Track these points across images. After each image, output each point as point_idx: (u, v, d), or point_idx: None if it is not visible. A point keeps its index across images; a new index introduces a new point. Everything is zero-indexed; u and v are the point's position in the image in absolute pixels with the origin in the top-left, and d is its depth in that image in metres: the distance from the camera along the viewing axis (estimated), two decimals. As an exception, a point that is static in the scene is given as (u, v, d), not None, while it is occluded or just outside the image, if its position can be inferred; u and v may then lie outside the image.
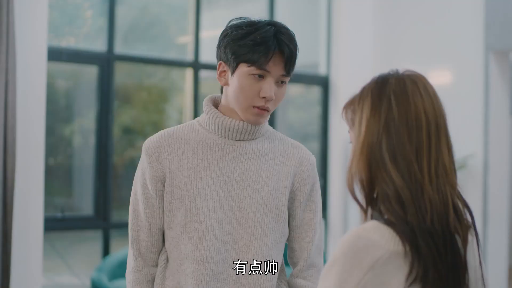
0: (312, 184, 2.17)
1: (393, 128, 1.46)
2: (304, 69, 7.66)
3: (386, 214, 1.44)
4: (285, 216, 2.13)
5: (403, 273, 1.39)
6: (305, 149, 2.20)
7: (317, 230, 2.16)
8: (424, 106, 1.49)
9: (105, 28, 5.87)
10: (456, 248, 1.45)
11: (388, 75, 1.54)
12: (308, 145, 8.04)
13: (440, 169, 1.47)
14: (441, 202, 1.44)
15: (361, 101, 1.53)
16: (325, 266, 1.43)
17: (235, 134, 2.12)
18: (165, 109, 7.66)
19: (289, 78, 2.15)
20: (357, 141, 1.50)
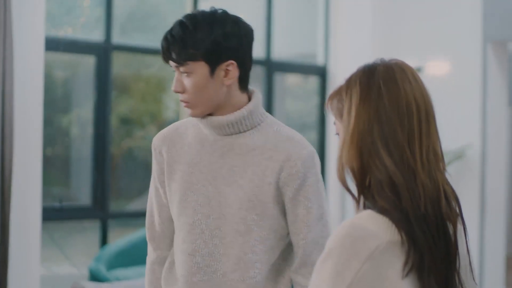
0: (303, 180, 2.05)
1: (384, 115, 1.46)
2: (301, 59, 7.66)
3: (380, 202, 1.43)
4: (273, 212, 2.07)
5: (400, 262, 1.39)
6: (300, 142, 2.08)
7: (314, 227, 2.07)
8: (414, 93, 1.48)
9: (102, 18, 5.86)
10: (448, 234, 1.45)
11: (375, 64, 1.53)
12: (306, 135, 8.03)
13: (431, 155, 1.47)
14: (433, 187, 1.44)
15: (348, 90, 1.51)
16: (320, 256, 1.42)
17: (216, 130, 2.09)
18: (163, 99, 7.66)
19: (190, 66, 2.01)
20: (347, 130, 1.49)
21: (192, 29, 1.98)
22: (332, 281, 1.36)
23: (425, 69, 6.66)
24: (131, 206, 6.57)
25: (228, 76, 2.03)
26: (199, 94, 2.01)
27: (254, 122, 2.08)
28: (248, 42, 2.07)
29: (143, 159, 7.17)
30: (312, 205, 2.06)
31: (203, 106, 2.04)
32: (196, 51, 1.98)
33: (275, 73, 7.06)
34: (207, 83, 2.01)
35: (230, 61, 2.01)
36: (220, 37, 1.98)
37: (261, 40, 7.00)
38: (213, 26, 1.99)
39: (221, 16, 2.02)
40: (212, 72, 2.01)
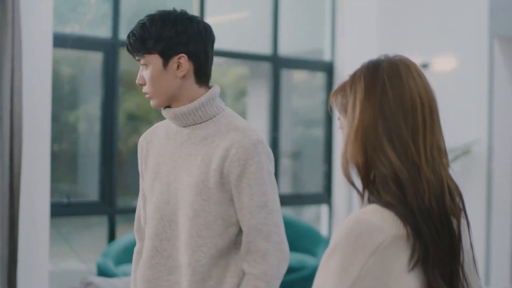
0: (244, 167, 2.13)
1: (388, 110, 1.47)
2: (308, 55, 7.66)
3: (385, 196, 1.44)
4: (219, 199, 2.16)
5: (406, 256, 1.40)
6: (245, 132, 2.17)
7: (256, 214, 2.12)
8: (418, 89, 1.49)
9: (109, 14, 5.87)
10: (452, 228, 1.47)
11: (379, 59, 1.55)
12: (313, 132, 8.04)
13: (435, 151, 1.48)
14: (437, 183, 1.46)
15: (353, 86, 1.53)
16: (325, 252, 1.43)
17: (175, 121, 2.26)
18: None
19: (147, 59, 2.21)
20: (351, 125, 1.50)
21: (149, 26, 2.19)
22: (338, 276, 1.37)
23: (432, 65, 6.66)
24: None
25: (180, 69, 2.21)
26: (155, 85, 2.21)
27: (208, 114, 2.23)
28: (200, 38, 2.24)
29: (150, 155, 7.20)
30: (254, 193, 2.12)
31: (160, 97, 2.22)
32: (151, 45, 2.19)
33: (282, 69, 7.06)
34: (161, 75, 2.20)
35: (181, 54, 2.20)
36: (172, 33, 2.18)
37: (268, 36, 7.01)
38: (166, 24, 2.19)
39: (175, 15, 2.23)
40: (165, 64, 2.21)
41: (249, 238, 2.12)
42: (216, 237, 2.17)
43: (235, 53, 7.02)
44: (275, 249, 2.10)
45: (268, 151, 2.17)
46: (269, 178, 2.15)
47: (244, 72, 8.10)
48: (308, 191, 7.71)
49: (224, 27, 7.33)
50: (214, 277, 2.18)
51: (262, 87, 7.51)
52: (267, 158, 2.15)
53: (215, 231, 2.17)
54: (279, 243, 2.11)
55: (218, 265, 2.19)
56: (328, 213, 7.39)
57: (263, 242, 2.10)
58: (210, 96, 2.24)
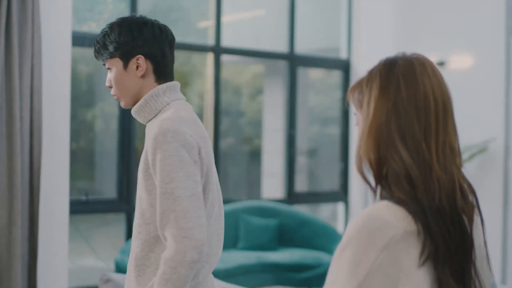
0: (154, 155, 2.20)
1: (401, 108, 1.49)
2: (324, 53, 7.67)
3: (396, 193, 1.46)
4: (147, 187, 2.24)
5: (416, 251, 1.42)
6: (161, 122, 2.24)
7: (163, 201, 2.17)
8: (432, 88, 1.51)
9: (126, 13, 5.91)
10: (464, 226, 1.48)
11: (396, 57, 1.57)
12: (329, 130, 8.05)
13: (447, 150, 1.50)
14: (448, 181, 1.48)
15: (369, 83, 1.56)
16: (337, 247, 1.45)
17: (137, 119, 2.42)
18: (186, 93, 7.69)
19: (109, 62, 2.37)
20: (365, 121, 1.53)
21: (109, 32, 2.37)
22: (350, 270, 1.39)
23: (448, 63, 6.66)
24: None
25: (139, 69, 2.35)
26: (119, 86, 2.36)
27: (154, 110, 2.35)
28: (155, 40, 2.38)
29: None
30: (161, 180, 2.17)
31: (126, 98, 2.38)
32: (111, 50, 2.36)
33: (298, 68, 7.08)
34: (123, 76, 2.36)
35: (138, 56, 2.35)
36: (128, 37, 2.35)
37: (285, 34, 7.03)
38: (123, 29, 2.36)
39: (131, 20, 2.39)
40: (125, 66, 2.36)
41: (161, 225, 2.16)
42: (150, 224, 2.24)
43: (252, 51, 7.05)
44: (180, 236, 2.11)
45: (183, 139, 2.18)
46: (181, 165, 2.16)
47: (260, 70, 8.12)
48: (324, 189, 7.72)
49: (241, 25, 7.36)
50: (153, 263, 2.24)
51: (278, 85, 7.53)
52: (180, 146, 2.17)
53: (149, 218, 2.24)
54: (185, 230, 2.11)
55: (155, 252, 2.24)
56: (345, 211, 7.40)
57: (170, 228, 2.13)
58: (154, 92, 2.34)
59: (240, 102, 7.96)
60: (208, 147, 2.28)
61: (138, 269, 2.26)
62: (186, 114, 2.27)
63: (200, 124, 2.31)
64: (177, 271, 2.10)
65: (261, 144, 7.91)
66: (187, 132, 2.19)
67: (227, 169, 7.05)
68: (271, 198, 7.04)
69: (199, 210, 2.15)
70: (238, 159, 7.84)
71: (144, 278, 2.25)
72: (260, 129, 7.96)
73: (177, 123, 2.20)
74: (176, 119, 2.21)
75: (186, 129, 2.20)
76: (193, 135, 2.21)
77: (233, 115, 7.58)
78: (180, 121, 2.21)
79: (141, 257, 2.25)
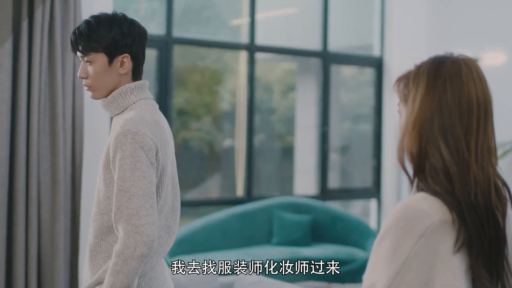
0: (114, 153, 2.29)
1: (445, 108, 1.57)
2: (357, 50, 7.70)
3: (433, 186, 1.55)
4: (106, 180, 2.33)
5: (452, 239, 1.50)
6: (125, 122, 2.32)
7: (118, 197, 2.26)
8: (476, 91, 1.58)
9: (161, 11, 5.99)
10: (498, 223, 1.56)
11: (444, 57, 1.64)
12: (360, 127, 8.07)
13: (485, 151, 1.57)
14: (484, 180, 1.55)
15: (416, 78, 1.63)
16: (377, 236, 1.55)
17: (106, 111, 2.50)
18: (218, 91, 7.75)
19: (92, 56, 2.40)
20: (410, 116, 1.61)
21: (96, 27, 2.40)
22: (389, 257, 1.49)
23: (481, 60, 6.66)
24: (188, 196, 6.70)
25: (123, 67, 2.43)
26: (98, 80, 2.42)
27: (120, 106, 2.45)
28: (141, 40, 2.47)
29: (199, 150, 7.30)
30: (118, 177, 2.27)
31: (101, 90, 2.45)
32: (98, 44, 2.39)
33: (331, 65, 7.12)
34: (105, 71, 2.42)
35: (125, 54, 2.42)
36: (118, 35, 2.40)
37: (318, 32, 7.06)
38: (112, 26, 2.41)
39: (119, 18, 2.44)
40: (110, 62, 2.42)
41: (115, 219, 2.27)
42: (104, 214, 2.36)
43: (286, 49, 7.10)
44: (132, 231, 2.22)
45: (142, 141, 2.28)
46: (138, 166, 2.26)
47: (291, 67, 8.15)
48: (356, 185, 7.76)
49: (274, 23, 7.40)
50: (104, 251, 2.37)
51: (310, 82, 7.56)
52: (139, 148, 2.27)
53: (103, 209, 2.35)
54: (137, 226, 2.22)
55: (106, 240, 2.37)
56: (377, 207, 7.44)
57: (123, 223, 2.24)
58: (123, 90, 2.43)
59: (271, 99, 8.00)
60: (167, 148, 2.39)
61: (90, 255, 2.40)
62: (150, 115, 2.38)
63: (162, 125, 2.42)
64: (127, 263, 2.22)
65: (293, 141, 7.95)
66: (147, 135, 2.30)
67: (259, 165, 7.11)
68: (303, 195, 7.10)
69: (151, 209, 2.27)
70: (270, 155, 7.88)
71: (95, 263, 2.39)
72: (292, 125, 7.99)
73: (139, 125, 2.31)
74: (138, 121, 2.32)
75: (147, 131, 2.31)
76: (153, 137, 2.31)
77: (264, 112, 7.62)
78: (142, 123, 2.32)
79: (93, 243, 2.39)
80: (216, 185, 7.64)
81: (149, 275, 2.41)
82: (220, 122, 7.70)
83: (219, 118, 7.67)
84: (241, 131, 6.91)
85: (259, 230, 6.33)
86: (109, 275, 2.25)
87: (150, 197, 2.28)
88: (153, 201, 2.29)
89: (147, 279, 2.40)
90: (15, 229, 4.18)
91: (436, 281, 1.47)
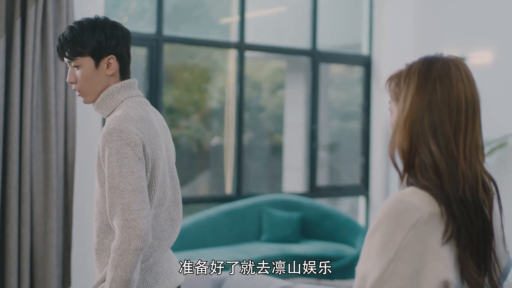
0: (103, 152, 2.37)
1: (435, 107, 1.64)
2: (346, 49, 7.75)
3: (422, 180, 1.62)
4: (100, 179, 2.41)
5: (440, 231, 1.58)
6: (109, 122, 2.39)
7: (110, 194, 2.33)
8: (465, 92, 1.65)
9: (151, 10, 6.01)
10: (485, 216, 1.64)
11: (434, 57, 1.71)
12: (349, 125, 8.13)
13: (473, 148, 1.65)
14: (472, 176, 1.63)
15: (407, 78, 1.69)
16: (369, 228, 1.62)
17: (98, 113, 2.57)
18: (207, 89, 7.78)
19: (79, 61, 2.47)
20: (401, 114, 1.68)
21: (80, 32, 2.47)
22: (381, 248, 1.56)
23: (469, 59, 6.72)
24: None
25: (110, 68, 2.50)
26: (87, 83, 2.49)
27: (110, 107, 2.51)
28: (125, 41, 2.55)
29: (187, 148, 7.33)
30: (108, 175, 2.34)
31: (92, 94, 2.51)
32: (83, 48, 2.47)
33: (321, 64, 7.17)
34: (93, 74, 2.49)
35: (110, 55, 2.50)
36: (102, 38, 2.48)
37: (307, 31, 7.11)
38: (95, 29, 2.48)
39: (101, 22, 2.51)
40: (96, 65, 2.49)
41: (110, 215, 2.35)
42: (102, 213, 2.42)
43: (275, 47, 7.14)
44: (125, 226, 2.29)
45: (127, 137, 2.34)
46: (125, 162, 2.32)
47: (280, 65, 8.18)
48: (345, 183, 7.82)
49: (263, 21, 7.44)
50: (107, 249, 2.44)
51: (299, 81, 7.61)
52: (125, 145, 2.33)
53: (101, 208, 2.42)
54: (129, 220, 2.29)
55: (108, 238, 2.44)
56: (366, 205, 7.50)
57: (117, 219, 2.31)
58: (109, 91, 2.49)
59: (260, 97, 8.02)
60: (156, 143, 2.44)
61: (96, 254, 2.47)
62: (136, 112, 2.44)
63: (151, 120, 2.47)
64: (124, 257, 2.28)
65: (282, 138, 7.99)
66: (132, 131, 2.35)
67: (248, 163, 7.15)
68: (292, 192, 7.15)
69: (142, 203, 2.32)
70: (259, 153, 7.92)
71: (101, 261, 2.46)
72: (280, 123, 8.03)
73: (124, 122, 2.36)
74: (123, 118, 2.38)
75: (132, 127, 2.36)
76: (139, 133, 2.37)
77: (253, 110, 7.65)
78: (127, 120, 2.38)
79: (97, 242, 2.46)
80: (205, 182, 7.68)
81: (155, 270, 2.46)
82: (208, 120, 7.74)
83: (207, 116, 7.70)
84: (230, 129, 6.95)
85: (249, 227, 6.39)
86: (109, 270, 2.31)
87: (141, 192, 2.33)
88: (144, 195, 2.34)
89: (153, 273, 2.46)
90: (8, 225, 4.22)
91: (426, 270, 1.54)
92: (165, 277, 2.50)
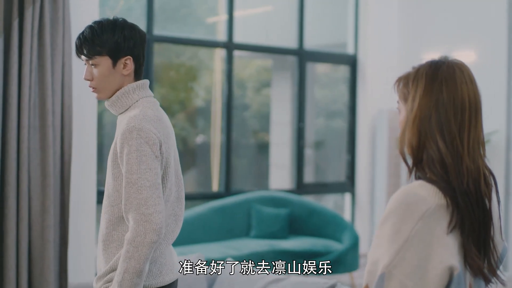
0: (121, 149, 2.46)
1: (442, 107, 1.79)
2: (332, 48, 7.85)
3: (430, 174, 1.77)
4: (114, 174, 2.50)
5: (446, 221, 1.72)
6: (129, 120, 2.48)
7: (127, 189, 2.43)
8: (468, 93, 1.81)
9: (140, 9, 6.05)
10: (485, 207, 1.79)
11: (440, 61, 1.85)
12: (335, 123, 8.23)
13: (476, 144, 1.80)
14: (475, 170, 1.78)
15: (415, 80, 1.84)
16: (381, 218, 1.76)
17: (110, 110, 2.66)
18: (193, 87, 7.82)
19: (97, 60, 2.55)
20: (410, 113, 1.82)
21: (99, 32, 2.55)
22: (392, 237, 1.70)
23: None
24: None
25: (126, 68, 2.59)
26: (103, 82, 2.57)
27: (124, 105, 2.60)
28: (141, 43, 2.63)
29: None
30: (126, 171, 2.45)
31: (106, 91, 2.60)
32: (102, 48, 2.55)
33: (307, 63, 7.25)
34: (109, 73, 2.57)
35: (128, 56, 2.58)
36: (121, 39, 2.56)
37: (294, 30, 7.19)
38: (115, 30, 2.56)
39: (121, 23, 2.59)
40: (114, 65, 2.57)
41: (125, 209, 2.45)
42: (114, 206, 2.52)
43: (262, 46, 7.22)
44: (142, 220, 2.40)
45: (146, 136, 2.44)
46: (144, 159, 2.44)
47: (266, 64, 8.23)
48: (331, 180, 7.91)
49: (250, 21, 7.50)
50: (116, 240, 2.54)
51: (285, 79, 7.68)
52: (144, 143, 2.44)
53: (113, 201, 2.52)
54: (146, 215, 2.40)
55: (118, 230, 2.54)
56: (351, 201, 7.61)
57: (133, 213, 2.42)
58: (125, 90, 2.58)
59: (245, 95, 8.07)
60: (169, 142, 2.55)
61: (103, 244, 2.56)
62: (152, 112, 2.54)
63: (164, 121, 2.57)
64: (139, 250, 2.39)
65: (269, 137, 8.06)
66: (151, 130, 2.46)
67: (234, 161, 7.23)
68: (278, 189, 7.24)
69: (158, 198, 2.43)
70: (245, 151, 7.98)
71: (108, 252, 2.55)
72: (266, 122, 8.10)
73: (143, 122, 2.47)
74: (142, 117, 2.48)
75: (151, 126, 2.47)
76: (157, 132, 2.47)
77: (238, 108, 7.70)
78: (146, 119, 2.48)
79: (106, 233, 2.55)
80: (191, 180, 7.74)
81: (159, 261, 2.56)
82: (194, 119, 7.80)
83: (193, 114, 7.76)
84: (216, 127, 7.03)
85: (238, 223, 6.47)
86: (122, 261, 2.41)
87: (157, 188, 2.44)
88: (159, 191, 2.45)
89: (157, 264, 2.56)
90: (6, 222, 4.28)
91: (433, 257, 1.68)
92: (169, 269, 2.60)
